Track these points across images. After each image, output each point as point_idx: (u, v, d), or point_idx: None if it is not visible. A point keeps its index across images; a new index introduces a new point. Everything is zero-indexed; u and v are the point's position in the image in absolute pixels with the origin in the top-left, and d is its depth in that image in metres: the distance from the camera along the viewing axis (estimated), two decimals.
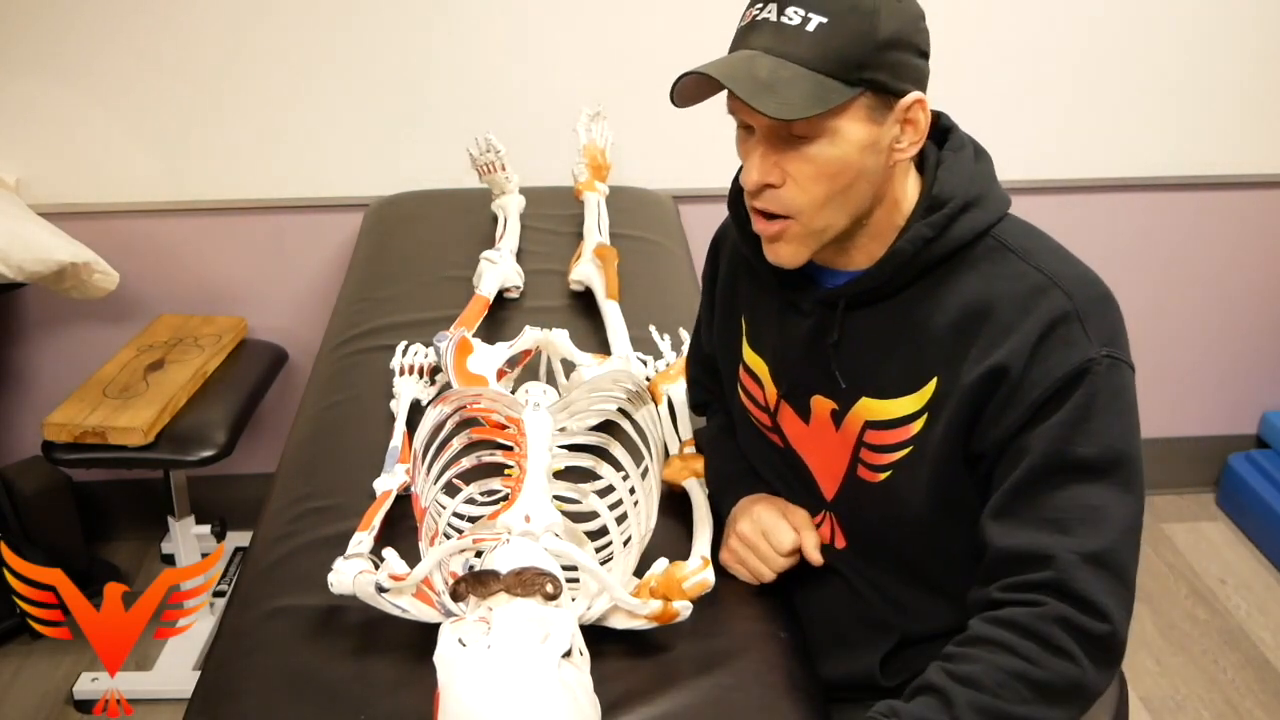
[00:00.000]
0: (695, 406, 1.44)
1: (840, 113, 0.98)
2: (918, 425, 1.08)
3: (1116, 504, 1.00)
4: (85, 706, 2.11)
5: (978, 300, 1.04)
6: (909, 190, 1.08)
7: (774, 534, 1.19)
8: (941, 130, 1.11)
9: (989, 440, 1.04)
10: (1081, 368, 1.00)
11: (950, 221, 1.05)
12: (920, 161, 1.09)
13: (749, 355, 1.23)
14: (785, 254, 1.06)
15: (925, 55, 1.02)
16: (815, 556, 1.18)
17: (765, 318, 1.20)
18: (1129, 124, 2.40)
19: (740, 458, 1.30)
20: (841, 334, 1.10)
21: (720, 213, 1.26)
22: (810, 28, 0.96)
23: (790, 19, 0.96)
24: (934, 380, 1.06)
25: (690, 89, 1.01)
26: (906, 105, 1.01)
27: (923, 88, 1.02)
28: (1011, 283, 1.04)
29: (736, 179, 1.17)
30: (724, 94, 1.00)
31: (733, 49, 1.01)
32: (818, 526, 1.21)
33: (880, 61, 0.97)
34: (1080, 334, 1.01)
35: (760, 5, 0.99)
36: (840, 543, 1.20)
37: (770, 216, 1.05)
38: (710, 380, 1.39)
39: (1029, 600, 0.99)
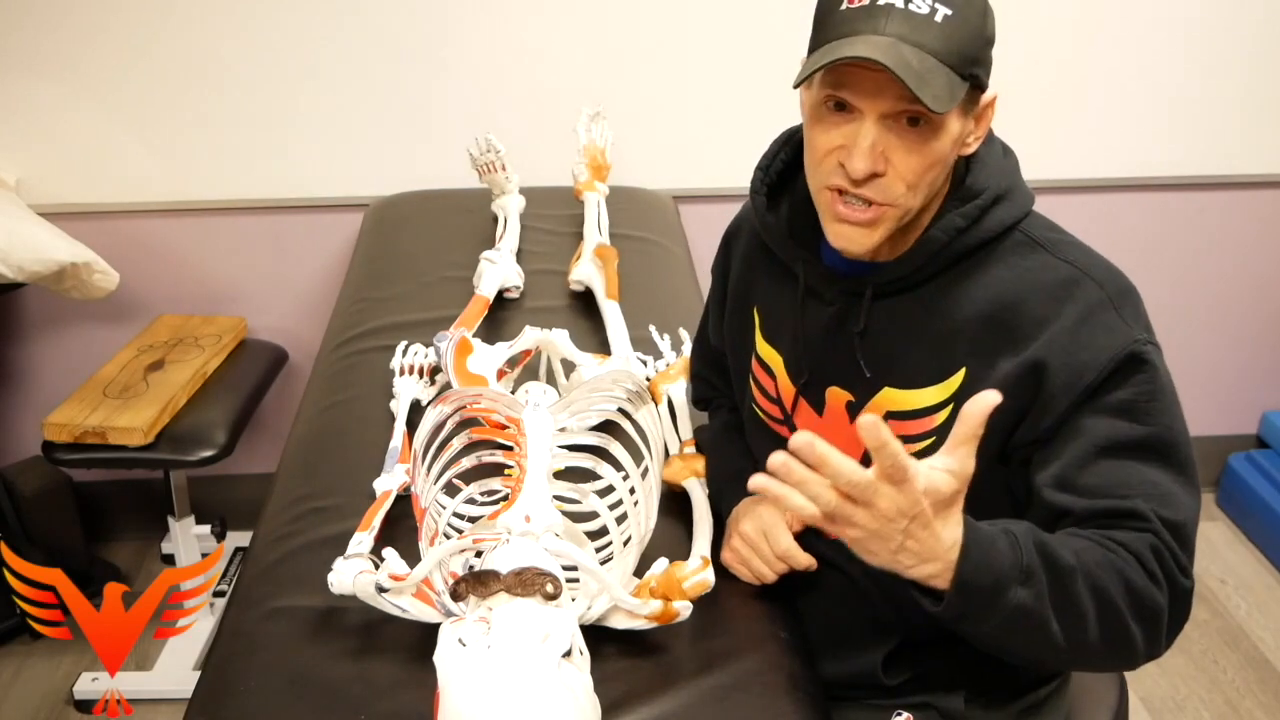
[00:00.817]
0: (697, 402, 1.45)
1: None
2: (941, 416, 1.08)
3: (1183, 491, 1.01)
4: (85, 706, 2.11)
5: (1008, 293, 1.05)
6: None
7: (774, 534, 1.19)
8: None
9: (1040, 428, 1.03)
10: (1132, 350, 1.01)
11: (983, 213, 1.05)
12: None
13: (763, 348, 1.23)
14: (865, 241, 1.04)
15: None
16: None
17: (783, 309, 1.19)
18: (1130, 124, 2.40)
19: (741, 456, 1.30)
20: (867, 323, 1.11)
21: (719, 212, 1.25)
22: (938, 19, 0.95)
23: (919, 8, 0.95)
24: (962, 371, 1.06)
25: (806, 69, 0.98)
26: (987, 101, 1.02)
27: None
28: (1041, 275, 1.05)
29: (761, 166, 1.17)
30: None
31: (841, 32, 0.96)
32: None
33: (983, 58, 0.99)
34: (1118, 320, 1.02)
35: None
36: None
37: (863, 203, 1.03)
38: (715, 376, 1.39)
39: (1131, 528, 0.98)
